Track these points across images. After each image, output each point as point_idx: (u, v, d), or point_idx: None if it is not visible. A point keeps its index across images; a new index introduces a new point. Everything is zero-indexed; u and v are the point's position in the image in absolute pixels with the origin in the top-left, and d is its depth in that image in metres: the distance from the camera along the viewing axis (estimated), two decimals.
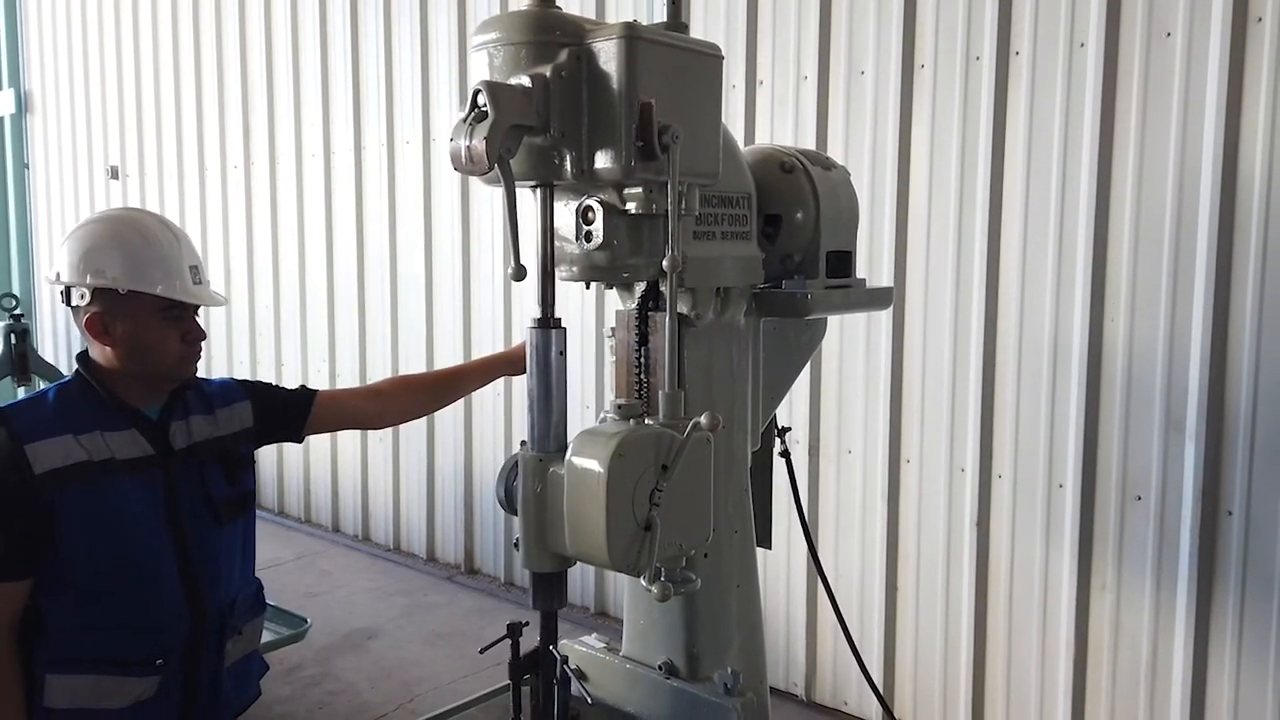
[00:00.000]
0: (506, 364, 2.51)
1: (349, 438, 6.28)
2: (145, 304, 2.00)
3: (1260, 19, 3.04)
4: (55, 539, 1.94)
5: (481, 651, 2.04)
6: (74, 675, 1.98)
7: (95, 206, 8.01)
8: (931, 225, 3.75)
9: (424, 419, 5.79)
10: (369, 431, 6.06)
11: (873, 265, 3.83)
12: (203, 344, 2.13)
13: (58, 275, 2.04)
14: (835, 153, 3.80)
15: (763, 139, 4.13)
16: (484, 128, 1.58)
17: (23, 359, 5.49)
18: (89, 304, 1.99)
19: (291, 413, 2.32)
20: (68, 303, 2.03)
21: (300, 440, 2.37)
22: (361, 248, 6.12)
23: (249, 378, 2.40)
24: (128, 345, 2.01)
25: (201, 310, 2.15)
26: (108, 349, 2.02)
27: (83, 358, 2.08)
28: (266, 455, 6.93)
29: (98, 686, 1.99)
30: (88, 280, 1.98)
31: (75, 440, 1.96)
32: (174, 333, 2.04)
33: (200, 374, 2.24)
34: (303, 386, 2.38)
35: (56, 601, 1.98)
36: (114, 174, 7.91)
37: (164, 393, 2.10)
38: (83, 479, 1.95)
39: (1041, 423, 3.54)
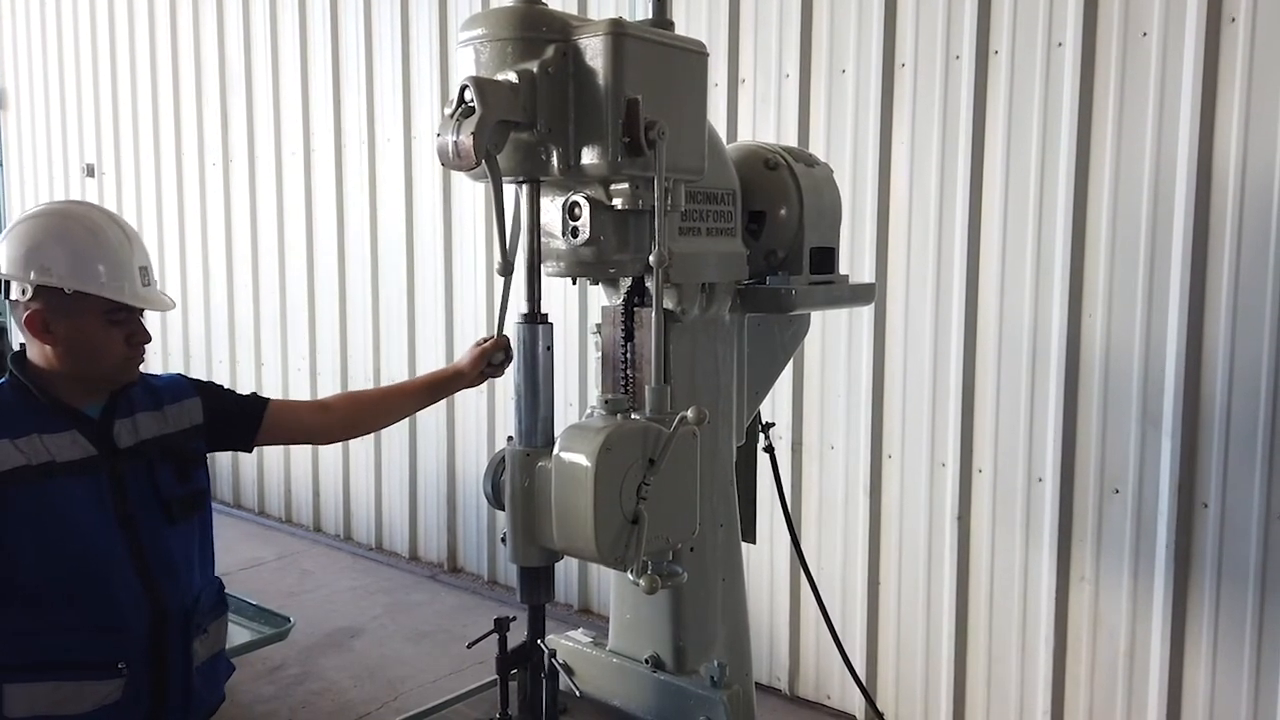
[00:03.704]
0: (456, 378, 2.38)
1: None
2: (90, 304, 1.93)
3: (1234, 19, 3.08)
4: (1, 545, 1.90)
5: (470, 646, 2.04)
6: (32, 682, 1.92)
7: None
8: (912, 222, 3.78)
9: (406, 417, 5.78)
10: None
11: (854, 262, 3.86)
12: (146, 347, 2.06)
13: None
14: (817, 150, 3.82)
15: (745, 137, 4.15)
16: (471, 123, 1.59)
17: (0, 356, 5.45)
18: (30, 300, 1.92)
19: (243, 419, 2.24)
20: (6, 296, 1.95)
21: (250, 449, 2.29)
22: (342, 245, 6.10)
23: (203, 378, 2.31)
24: (69, 345, 1.95)
25: (173, 309, 2.11)
26: (47, 348, 1.95)
27: (18, 359, 2.01)
28: (246, 454, 6.88)
29: (57, 692, 1.93)
30: (31, 277, 1.90)
31: (12, 444, 1.90)
32: (118, 335, 1.98)
33: (181, 373, 2.21)
34: (254, 394, 2.29)
35: (8, 607, 1.93)
36: (90, 172, 7.83)
37: (105, 392, 2.04)
38: (22, 484, 1.89)
39: (1021, 418, 3.58)
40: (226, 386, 2.30)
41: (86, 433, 1.98)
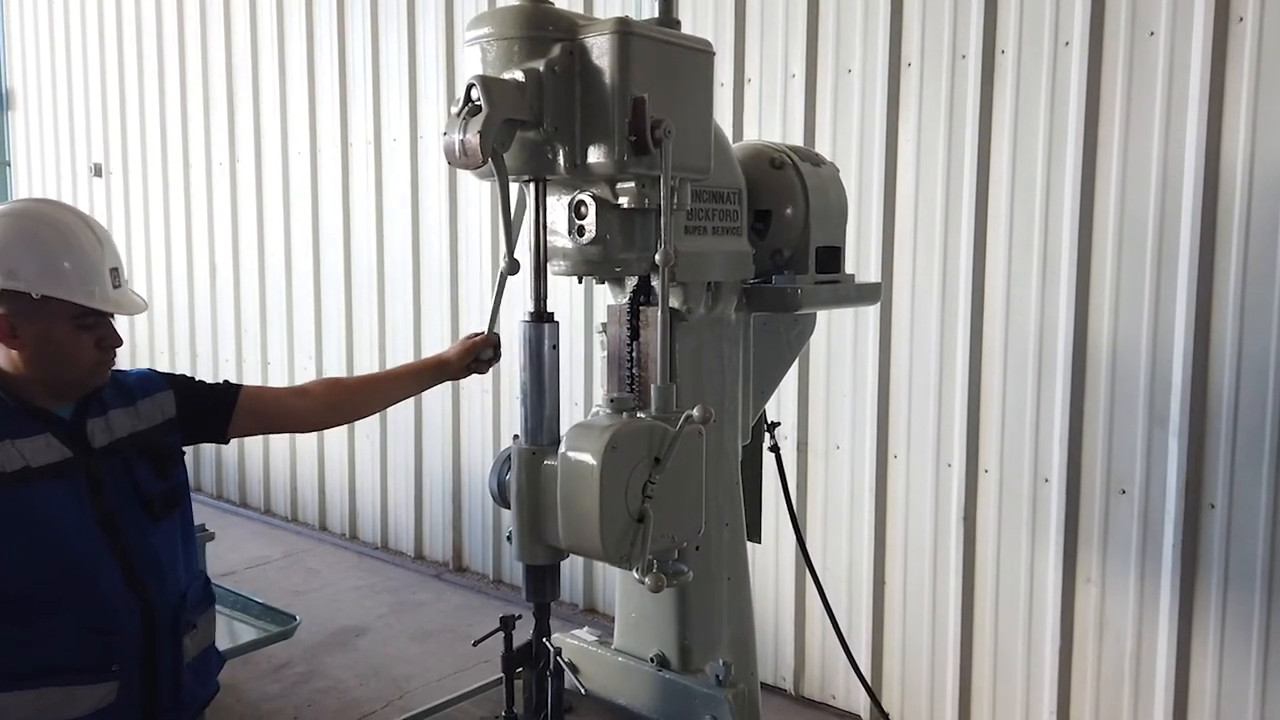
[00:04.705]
0: (440, 369, 2.33)
1: (336, 433, 6.26)
2: (59, 309, 1.88)
3: (1241, 18, 3.08)
4: None
5: (475, 644, 2.04)
6: (24, 690, 1.88)
7: (78, 205, 7.95)
8: (918, 222, 3.78)
9: (412, 416, 5.80)
10: (353, 425, 6.01)
11: (860, 261, 3.86)
12: (117, 350, 2.01)
13: None
14: (823, 150, 3.80)
15: (751, 137, 4.15)
16: (478, 122, 1.59)
17: None
18: None
19: (215, 407, 2.19)
20: None
21: (225, 440, 2.23)
22: (348, 245, 6.11)
23: (174, 371, 2.26)
24: (36, 351, 1.90)
25: (145, 311, 2.07)
26: (14, 352, 1.90)
27: None
28: (252, 453, 6.90)
29: (50, 698, 1.90)
30: None
31: None
32: (88, 339, 1.93)
33: (152, 368, 2.19)
34: (226, 382, 2.26)
35: None
36: (97, 171, 7.86)
37: (74, 394, 1.99)
38: None
39: (1027, 418, 3.57)
40: (198, 378, 2.25)
41: (59, 435, 1.94)
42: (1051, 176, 3.45)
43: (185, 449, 2.19)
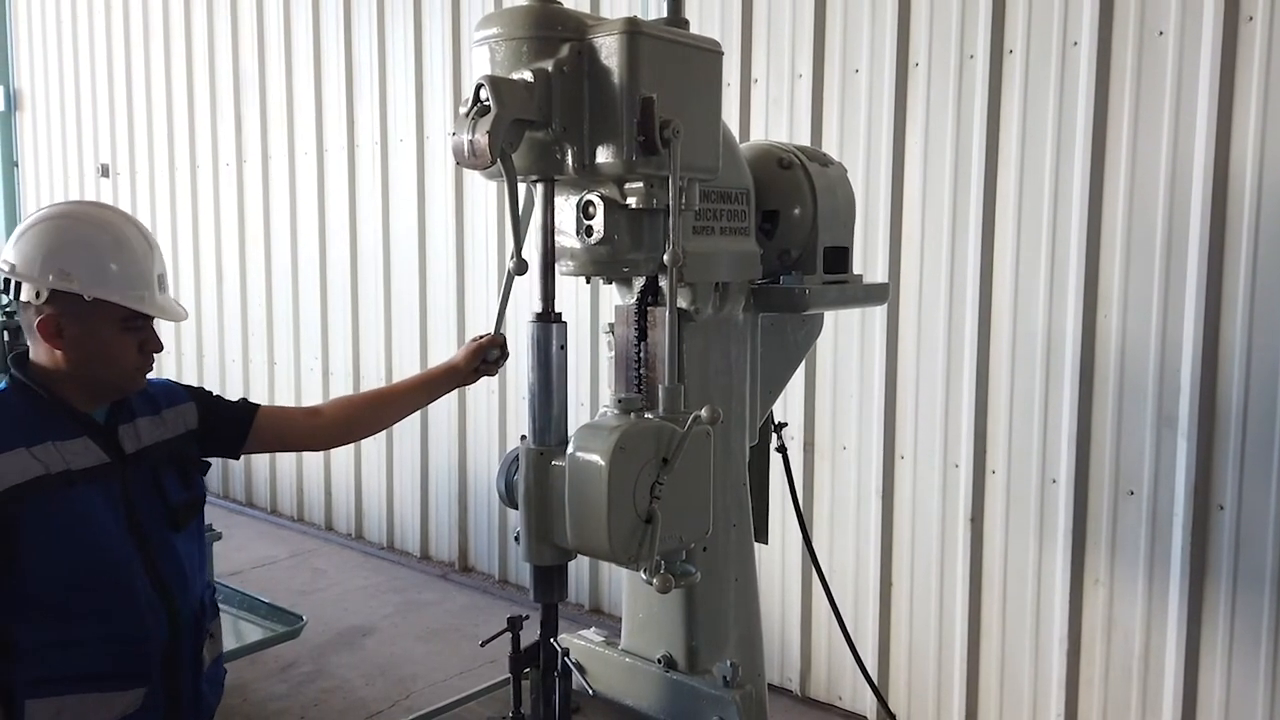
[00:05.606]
0: (450, 375, 2.33)
1: None
2: (107, 312, 1.88)
3: (1251, 18, 3.06)
4: (16, 558, 1.83)
5: (483, 645, 2.04)
6: (54, 696, 1.87)
7: None
8: (926, 222, 3.77)
9: (418, 416, 5.80)
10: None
11: (868, 262, 3.85)
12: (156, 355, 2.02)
13: (12, 267, 1.88)
14: (830, 150, 3.79)
15: (758, 137, 4.14)
16: (486, 122, 1.59)
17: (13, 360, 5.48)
18: (44, 304, 1.86)
19: (233, 424, 2.20)
20: (16, 296, 1.88)
21: (237, 457, 2.23)
22: (355, 245, 6.12)
23: (192, 384, 2.28)
24: (81, 351, 1.90)
25: (187, 319, 2.09)
26: (57, 352, 1.90)
27: (19, 360, 1.95)
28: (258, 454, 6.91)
29: (80, 705, 1.89)
30: (49, 280, 1.84)
31: (29, 453, 1.83)
32: (132, 342, 1.95)
33: (170, 379, 2.19)
34: (244, 400, 2.26)
35: (26, 622, 1.86)
36: (104, 172, 7.88)
37: (108, 397, 2.00)
38: (42, 494, 1.83)
39: (1035, 419, 3.56)
40: (215, 393, 2.26)
41: (96, 439, 1.94)
42: (1060, 176, 3.44)
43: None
